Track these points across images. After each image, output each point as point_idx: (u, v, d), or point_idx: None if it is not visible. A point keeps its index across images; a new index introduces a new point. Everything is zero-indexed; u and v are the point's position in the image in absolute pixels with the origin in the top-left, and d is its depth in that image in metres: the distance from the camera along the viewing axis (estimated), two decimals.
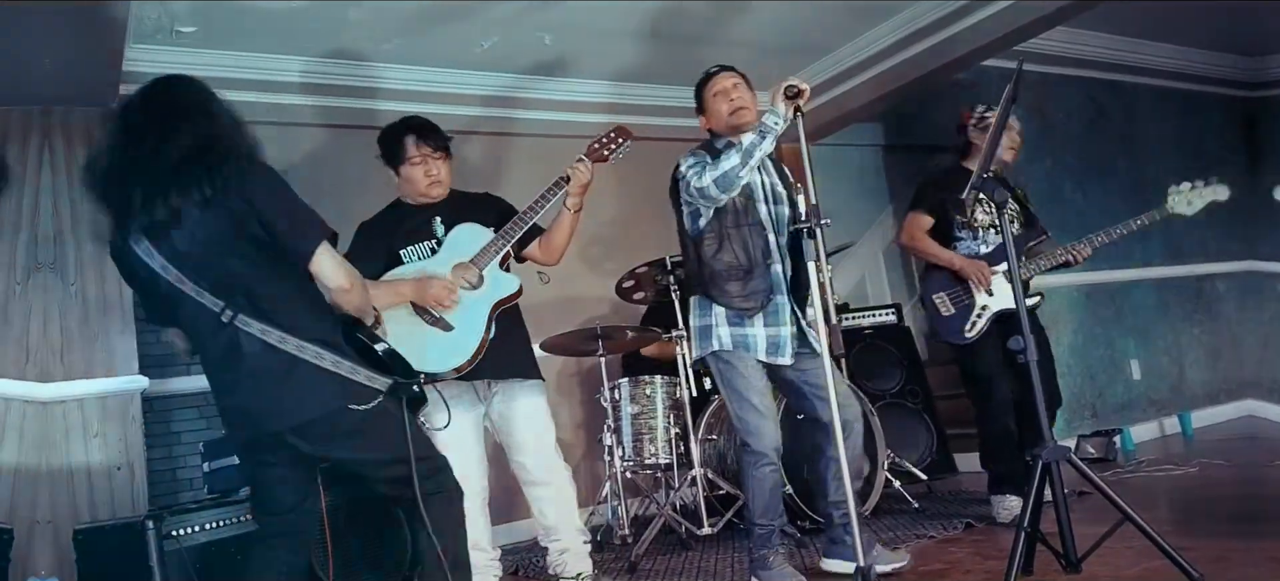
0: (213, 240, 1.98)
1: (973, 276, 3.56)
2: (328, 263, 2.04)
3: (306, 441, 2.06)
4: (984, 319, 3.55)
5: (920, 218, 3.73)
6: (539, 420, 3.14)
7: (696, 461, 3.81)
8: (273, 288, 2.04)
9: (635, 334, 4.07)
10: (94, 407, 3.50)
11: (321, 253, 2.03)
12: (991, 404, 3.56)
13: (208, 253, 1.99)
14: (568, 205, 3.07)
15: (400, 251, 3.02)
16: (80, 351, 3.53)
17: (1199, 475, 4.08)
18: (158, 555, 2.86)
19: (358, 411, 2.04)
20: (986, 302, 3.56)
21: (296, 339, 2.00)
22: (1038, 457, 2.39)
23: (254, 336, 1.99)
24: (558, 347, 4.10)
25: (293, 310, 2.04)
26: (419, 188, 3.07)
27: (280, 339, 1.99)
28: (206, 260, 1.99)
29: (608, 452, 3.95)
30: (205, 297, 1.99)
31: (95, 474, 3.44)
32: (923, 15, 4.91)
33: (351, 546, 3.22)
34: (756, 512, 2.89)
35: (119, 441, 3.51)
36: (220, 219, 1.97)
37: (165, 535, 2.91)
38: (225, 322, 1.98)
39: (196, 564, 2.99)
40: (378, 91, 4.68)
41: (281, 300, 2.04)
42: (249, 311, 1.99)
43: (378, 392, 2.08)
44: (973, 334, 3.56)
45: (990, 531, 3.43)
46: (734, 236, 2.87)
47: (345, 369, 2.04)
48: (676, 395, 4.02)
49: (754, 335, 2.87)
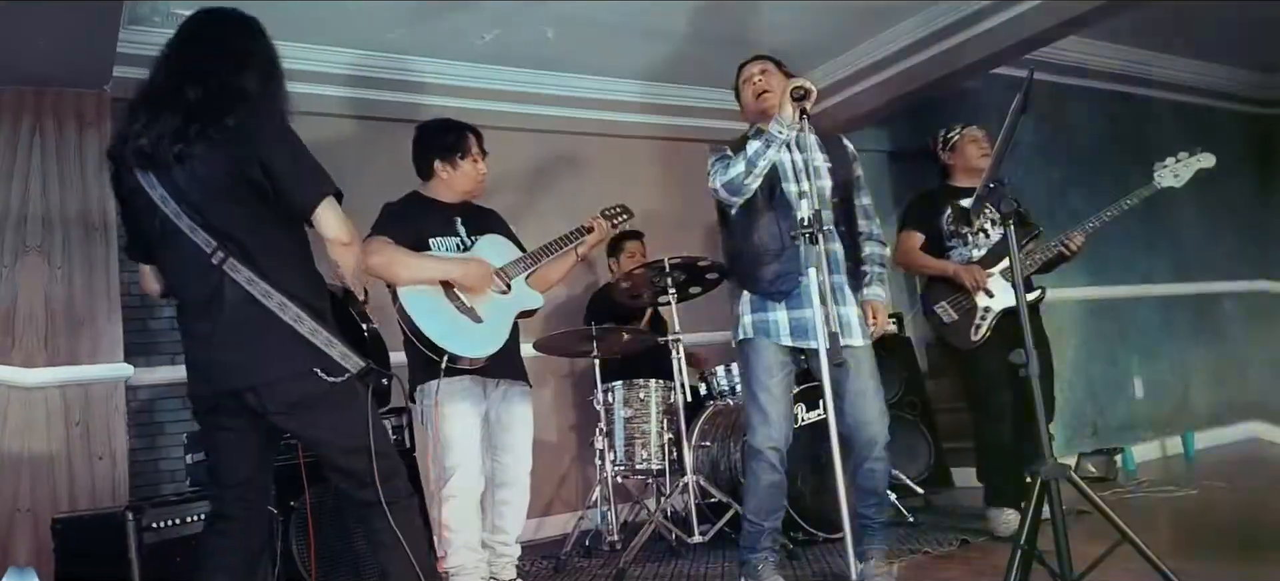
0: (214, 180, 1.99)
1: (968, 280, 3.60)
2: (331, 215, 2.05)
3: (268, 404, 2.04)
4: (988, 320, 3.59)
5: (912, 236, 3.83)
6: (529, 425, 3.28)
7: (689, 468, 3.79)
8: (266, 239, 2.04)
9: (630, 335, 4.06)
10: (77, 395, 3.49)
11: (327, 203, 2.05)
12: (989, 414, 3.59)
13: (207, 192, 2.00)
14: (579, 251, 3.32)
15: (429, 239, 3.09)
16: (65, 337, 3.53)
17: (1200, 497, 4.07)
18: (137, 547, 2.84)
19: (325, 381, 2.03)
20: (987, 304, 3.61)
21: (280, 295, 2.00)
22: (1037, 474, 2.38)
23: (239, 285, 1.99)
24: (550, 347, 4.10)
25: (282, 266, 2.05)
26: (467, 184, 3.19)
27: (265, 292, 1.99)
28: (205, 200, 2.00)
29: (599, 456, 3.95)
30: (199, 235, 1.99)
31: (76, 462, 3.43)
32: (933, 21, 4.91)
33: (334, 543, 3.22)
34: (748, 508, 2.92)
35: (102, 430, 3.51)
36: (224, 161, 1.98)
37: (145, 527, 2.88)
38: (215, 264, 1.99)
39: (176, 557, 2.97)
40: (376, 82, 4.68)
41: (273, 254, 2.04)
42: (239, 257, 1.99)
43: (347, 371, 2.06)
44: (979, 336, 3.59)
45: (985, 548, 3.42)
46: (762, 219, 2.89)
47: (320, 339, 2.03)
48: (670, 399, 4.01)
49: (777, 319, 2.87)
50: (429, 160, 3.18)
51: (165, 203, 2.00)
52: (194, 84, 2.02)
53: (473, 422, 3.10)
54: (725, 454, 3.98)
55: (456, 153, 3.17)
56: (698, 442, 4.09)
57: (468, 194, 3.23)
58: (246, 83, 2.07)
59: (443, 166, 3.17)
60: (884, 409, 2.90)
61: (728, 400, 4.26)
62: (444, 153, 3.17)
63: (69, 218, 3.62)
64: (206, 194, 2.00)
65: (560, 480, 4.94)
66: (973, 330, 3.61)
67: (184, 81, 2.03)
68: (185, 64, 2.07)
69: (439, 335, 2.90)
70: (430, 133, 3.22)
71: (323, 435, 2.12)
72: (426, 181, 3.22)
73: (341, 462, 2.12)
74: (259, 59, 2.13)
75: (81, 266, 3.63)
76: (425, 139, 3.21)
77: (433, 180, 3.20)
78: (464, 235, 3.17)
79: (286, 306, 2.00)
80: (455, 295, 3.02)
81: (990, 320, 3.59)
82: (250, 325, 2.00)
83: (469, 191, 3.22)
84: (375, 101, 4.70)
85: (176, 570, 2.95)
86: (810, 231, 2.49)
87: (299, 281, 2.06)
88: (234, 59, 2.09)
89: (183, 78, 2.04)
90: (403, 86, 4.75)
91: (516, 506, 3.24)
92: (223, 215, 2.00)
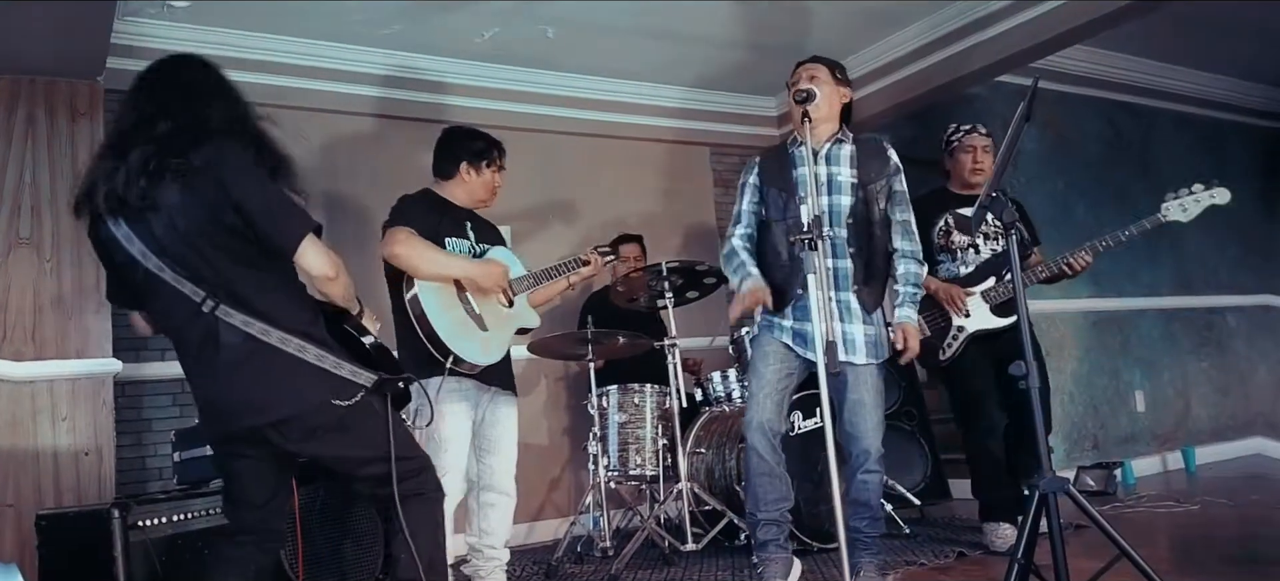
0: (193, 228, 1.97)
1: (945, 299, 3.59)
2: (313, 253, 2.03)
3: (286, 438, 2.05)
4: (959, 341, 3.59)
5: None
6: (515, 430, 3.32)
7: (683, 474, 3.79)
8: (254, 278, 2.03)
9: (627, 339, 4.04)
10: (64, 389, 3.48)
11: (308, 242, 2.02)
12: (979, 428, 3.58)
13: (187, 241, 1.98)
14: (572, 280, 3.46)
15: (444, 238, 3.13)
16: (53, 331, 3.52)
17: (1201, 513, 4.07)
18: (122, 545, 2.83)
19: (340, 406, 2.03)
20: (962, 325, 3.60)
21: (279, 331, 1.99)
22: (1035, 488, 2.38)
23: (235, 328, 1.98)
24: (545, 350, 4.09)
25: (275, 301, 2.04)
26: (484, 193, 3.28)
27: (263, 330, 1.98)
28: (187, 249, 1.98)
29: (592, 461, 3.94)
30: (185, 286, 1.98)
31: (62, 458, 3.42)
32: (939, 26, 4.91)
33: (322, 545, 3.22)
34: (748, 499, 2.98)
35: (88, 425, 3.50)
36: (200, 206, 1.96)
37: (131, 525, 2.88)
38: (205, 312, 1.97)
39: (162, 556, 2.97)
40: (373, 78, 4.68)
41: (264, 291, 2.03)
42: (230, 302, 1.98)
43: (361, 388, 2.07)
44: (947, 357, 3.60)
45: (982, 560, 3.42)
46: (772, 233, 3.00)
47: (329, 363, 2.03)
48: (666, 404, 4.01)
49: (782, 324, 2.95)
50: (456, 161, 3.23)
51: (145, 258, 1.99)
52: (161, 120, 2.01)
53: (465, 426, 3.14)
54: (720, 461, 3.98)
55: (483, 160, 3.25)
56: (693, 449, 4.09)
57: (481, 202, 3.30)
58: (211, 116, 2.05)
59: (468, 169, 3.23)
60: (881, 424, 2.91)
61: (724, 406, 4.26)
62: (473, 157, 3.24)
63: (60, 210, 3.61)
64: (186, 243, 1.98)
65: (552, 484, 4.93)
66: (941, 350, 3.61)
67: (152, 118, 2.02)
68: (151, 103, 2.05)
69: (448, 335, 2.94)
70: (462, 136, 3.30)
71: (346, 454, 2.14)
72: (445, 180, 3.26)
73: (362, 472, 2.16)
74: (222, 93, 2.11)
75: (71, 260, 3.62)
76: (456, 140, 3.28)
77: (452, 181, 3.25)
78: (474, 241, 3.23)
79: (288, 340, 1.99)
80: (466, 298, 3.08)
81: (961, 341, 3.59)
82: (256, 363, 1.99)
83: (482, 200, 3.30)
84: (370, 98, 4.70)
85: (163, 568, 2.95)
86: (809, 238, 2.49)
87: (293, 313, 2.05)
88: (197, 94, 2.07)
89: (151, 115, 2.02)
90: (399, 83, 4.75)
91: (503, 510, 3.27)
92: (207, 261, 1.99)
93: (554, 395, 5.07)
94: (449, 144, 3.28)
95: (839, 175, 2.94)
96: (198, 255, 1.99)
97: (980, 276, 3.62)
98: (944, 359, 3.61)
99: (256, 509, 2.20)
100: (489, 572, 3.27)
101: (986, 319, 3.58)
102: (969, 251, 3.68)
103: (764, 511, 2.92)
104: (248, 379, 2.01)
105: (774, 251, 2.99)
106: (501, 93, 5.02)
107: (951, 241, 3.70)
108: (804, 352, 2.90)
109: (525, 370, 4.87)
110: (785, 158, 3.04)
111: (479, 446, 3.24)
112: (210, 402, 2.09)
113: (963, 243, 3.69)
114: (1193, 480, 5.36)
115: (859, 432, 2.86)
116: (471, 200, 3.28)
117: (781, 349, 2.94)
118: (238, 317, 1.98)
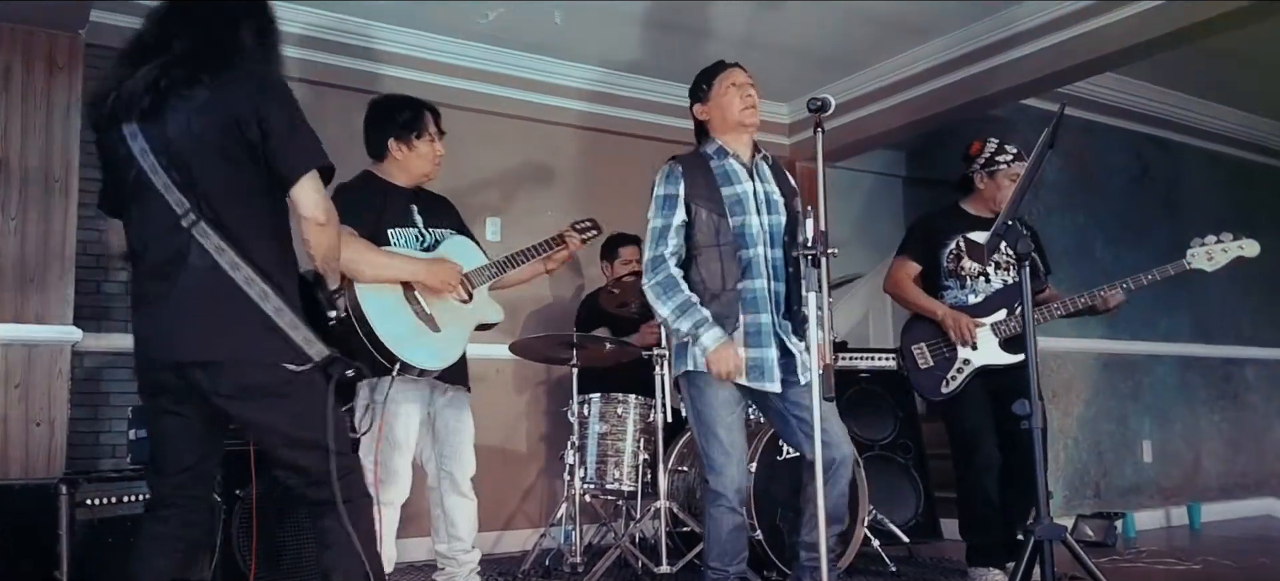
0: (207, 133, 2.01)
1: (954, 329, 3.55)
2: (311, 191, 2.05)
3: (216, 388, 2.03)
4: (963, 375, 3.56)
5: (908, 264, 3.77)
6: (471, 430, 3.28)
7: (662, 493, 3.78)
8: (245, 209, 2.05)
9: (613, 346, 4.05)
10: (19, 355, 3.48)
11: (310, 178, 2.05)
12: (973, 466, 3.55)
13: (197, 145, 2.01)
14: (548, 267, 3.39)
15: (387, 230, 3.05)
16: (11, 293, 3.51)
17: (1203, 573, 4.07)
18: (67, 522, 2.84)
19: (283, 370, 2.02)
20: (969, 357, 3.56)
21: (248, 269, 2.00)
22: (1031, 533, 2.38)
23: (207, 251, 1.99)
24: (527, 352, 4.10)
25: (255, 237, 2.05)
26: (425, 167, 3.16)
27: (233, 263, 1.99)
28: (193, 153, 2.02)
29: (568, 471, 3.94)
30: (172, 195, 2.00)
31: (12, 426, 3.42)
32: (965, 42, 4.87)
33: (279, 540, 3.22)
34: (710, 555, 2.84)
35: (43, 394, 3.49)
36: (221, 114, 2.01)
37: (79, 503, 2.88)
38: (184, 227, 1.99)
39: (109, 537, 2.97)
40: (369, 52, 4.67)
41: (249, 225, 2.05)
42: (211, 223, 2.00)
43: (311, 360, 2.05)
44: (949, 390, 3.57)
45: None
46: (702, 256, 2.85)
47: (286, 321, 2.02)
48: (650, 418, 4.00)
49: None
50: (383, 139, 3.13)
51: (144, 156, 2.02)
52: (187, 34, 2.06)
53: (416, 425, 3.13)
54: (702, 482, 3.98)
55: (412, 132, 3.12)
56: (674, 467, 4.09)
57: (424, 176, 3.19)
58: (242, 35, 2.10)
59: (397, 146, 3.12)
60: (845, 429, 2.85)
61: None
62: (399, 131, 3.12)
63: (29, 167, 3.60)
64: (196, 147, 2.01)
65: (525, 493, 4.93)
66: (944, 382, 3.58)
67: (176, 32, 2.06)
68: (178, 16, 2.10)
69: (393, 341, 2.83)
70: (383, 109, 3.18)
71: (273, 425, 2.10)
72: (378, 161, 3.17)
73: (288, 456, 2.11)
74: (255, 15, 2.16)
75: (37, 220, 3.61)
76: (378, 116, 3.17)
77: (386, 161, 3.15)
78: (421, 226, 3.14)
79: (253, 281, 1.99)
80: (415, 298, 2.98)
81: (966, 375, 3.55)
82: (210, 296, 2.00)
83: (425, 174, 3.18)
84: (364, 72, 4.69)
85: (108, 551, 2.95)
86: (813, 253, 2.46)
87: (271, 259, 2.06)
88: (229, 12, 2.12)
89: (175, 28, 2.07)
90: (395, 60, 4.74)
91: (468, 512, 3.26)
92: (207, 173, 2.02)
93: (533, 398, 5.07)
94: (372, 121, 3.16)
95: (774, 194, 2.93)
96: (201, 161, 2.02)
97: (991, 307, 3.58)
98: (946, 392, 3.58)
99: (182, 473, 2.16)
100: (464, 577, 3.27)
101: (995, 353, 3.54)
102: (979, 280, 3.64)
103: (736, 564, 2.84)
104: (197, 309, 2.02)
105: (708, 278, 2.83)
106: (501, 77, 5.01)
107: (962, 267, 3.66)
108: (759, 384, 2.81)
109: (503, 370, 4.87)
110: (709, 172, 2.91)
111: (440, 450, 3.23)
112: (148, 333, 2.09)
113: (973, 270, 3.65)
114: (1197, 537, 5.37)
115: (833, 441, 2.75)
116: (412, 177, 3.16)
117: (737, 398, 2.84)
118: (213, 240, 1.99)
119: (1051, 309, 3.55)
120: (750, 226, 2.84)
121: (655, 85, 5.44)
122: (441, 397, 3.20)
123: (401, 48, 4.75)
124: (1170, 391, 6.03)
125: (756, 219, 2.86)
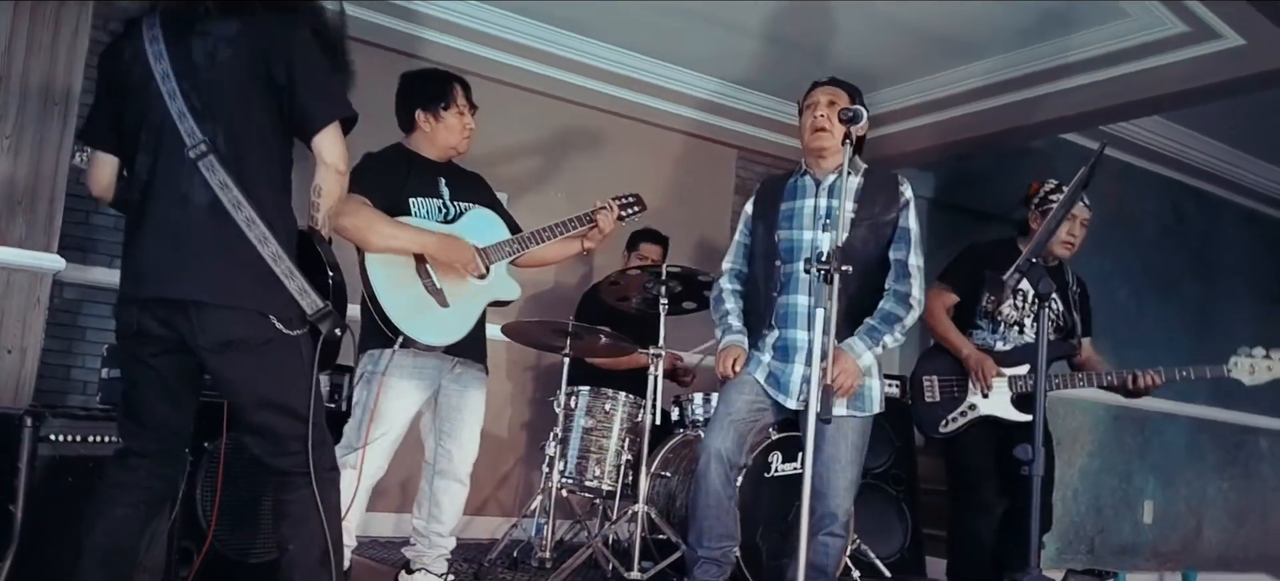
0: (235, 65, 2.05)
1: (975, 372, 3.54)
2: (334, 137, 2.11)
3: (199, 332, 2.03)
4: (965, 419, 3.56)
5: (946, 295, 3.74)
6: (481, 416, 3.30)
7: (642, 496, 3.77)
8: (257, 152, 2.08)
9: (609, 340, 4.02)
10: None
11: (334, 128, 2.10)
12: (970, 505, 3.56)
13: (222, 75, 2.05)
14: (586, 245, 3.34)
15: (409, 200, 3.07)
16: None
17: None
18: (29, 456, 2.82)
19: (272, 327, 2.03)
20: (976, 403, 3.56)
21: (251, 210, 2.01)
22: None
23: (210, 187, 2.01)
24: (520, 335, 4.09)
25: (263, 184, 2.07)
26: (453, 139, 3.19)
27: (235, 201, 2.00)
28: (216, 83, 2.05)
29: (547, 463, 3.93)
30: (185, 123, 2.02)
31: None
32: (1010, 67, 4.77)
33: (244, 498, 3.22)
34: (691, 530, 2.92)
35: (17, 321, 3.48)
36: (250, 49, 2.05)
37: (42, 437, 2.88)
38: (191, 157, 2.01)
39: (71, 476, 2.97)
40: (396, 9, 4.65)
41: (258, 169, 2.07)
42: (219, 158, 2.02)
43: (300, 323, 2.06)
44: (946, 430, 3.57)
45: None
46: (753, 268, 3.08)
47: (282, 268, 2.03)
48: (638, 418, 4.00)
49: (760, 359, 2.94)
50: (411, 110, 3.17)
51: (165, 79, 2.04)
52: None
53: (411, 405, 3.12)
54: (684, 489, 3.98)
55: (440, 103, 3.15)
56: (657, 471, 4.09)
57: (453, 150, 3.23)
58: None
59: (425, 118, 3.15)
60: (853, 485, 2.88)
61: (699, 431, 4.26)
62: (428, 103, 3.15)
63: (30, 85, 3.59)
64: (218, 78, 2.05)
65: (501, 480, 4.94)
66: (945, 422, 3.58)
67: None
68: None
69: (398, 314, 2.87)
70: (414, 81, 3.22)
71: (250, 384, 2.10)
72: (408, 134, 3.21)
73: (260, 419, 2.11)
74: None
75: (31, 141, 3.59)
76: (408, 88, 3.21)
77: (415, 133, 3.20)
78: (447, 199, 3.17)
79: (253, 223, 2.00)
80: (427, 271, 3.00)
81: (967, 420, 3.56)
82: (208, 233, 2.01)
83: (454, 147, 3.22)
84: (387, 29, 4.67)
85: (68, 491, 2.95)
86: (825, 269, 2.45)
87: (272, 204, 2.07)
88: None
89: None
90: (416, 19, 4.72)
91: (456, 498, 3.27)
92: (225, 106, 2.05)
93: (521, 384, 5.07)
94: (401, 94, 3.21)
95: (839, 211, 2.92)
96: (220, 94, 2.05)
97: (1016, 360, 3.55)
98: (944, 431, 3.58)
99: (155, 426, 2.18)
100: (431, 560, 3.28)
101: (1003, 407, 3.53)
102: (1013, 329, 3.62)
103: (706, 547, 2.86)
104: (191, 245, 2.03)
105: (752, 285, 3.06)
106: (520, 48, 4.98)
107: (1000, 312, 3.63)
108: (776, 395, 2.89)
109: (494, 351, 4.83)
110: (780, 188, 3.04)
111: (440, 429, 3.23)
112: (137, 265, 2.09)
113: (1010, 317, 3.63)
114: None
115: (828, 491, 2.82)
116: (442, 150, 3.20)
117: (758, 384, 2.93)
118: (218, 177, 2.01)
119: (1090, 375, 3.55)
120: (795, 241, 2.90)
121: (683, 75, 5.41)
122: (450, 374, 3.21)
123: (442, 11, 4.73)
124: (1179, 452, 6.00)
125: (808, 235, 2.89)
